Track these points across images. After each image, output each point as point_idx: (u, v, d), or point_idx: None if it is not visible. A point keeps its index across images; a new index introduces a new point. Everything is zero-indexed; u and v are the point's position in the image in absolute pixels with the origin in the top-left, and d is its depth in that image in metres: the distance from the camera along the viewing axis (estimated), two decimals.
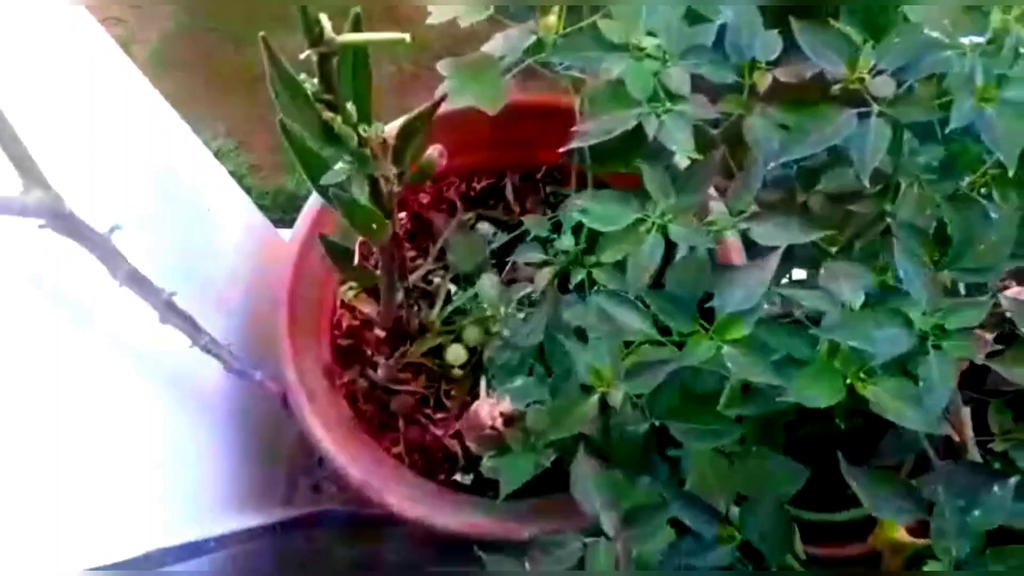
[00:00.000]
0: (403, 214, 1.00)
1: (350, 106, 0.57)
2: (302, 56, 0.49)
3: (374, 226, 0.64)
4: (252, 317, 0.91)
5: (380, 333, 0.95)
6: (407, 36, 0.46)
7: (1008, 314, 0.54)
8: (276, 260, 0.94)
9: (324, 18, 0.47)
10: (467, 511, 0.84)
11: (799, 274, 0.69)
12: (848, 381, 0.49)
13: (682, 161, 0.67)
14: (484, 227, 1.03)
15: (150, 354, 0.66)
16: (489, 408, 0.69)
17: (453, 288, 0.98)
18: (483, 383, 0.88)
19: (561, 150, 0.66)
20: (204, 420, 0.81)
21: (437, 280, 0.98)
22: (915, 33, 0.56)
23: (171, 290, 0.56)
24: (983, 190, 0.61)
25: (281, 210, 1.86)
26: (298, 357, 0.84)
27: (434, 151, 0.68)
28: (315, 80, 0.54)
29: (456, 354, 0.93)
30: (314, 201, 0.90)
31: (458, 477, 0.91)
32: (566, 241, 0.82)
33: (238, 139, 1.87)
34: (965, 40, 0.58)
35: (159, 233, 0.67)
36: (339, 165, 0.56)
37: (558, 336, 0.66)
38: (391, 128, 0.64)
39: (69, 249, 0.47)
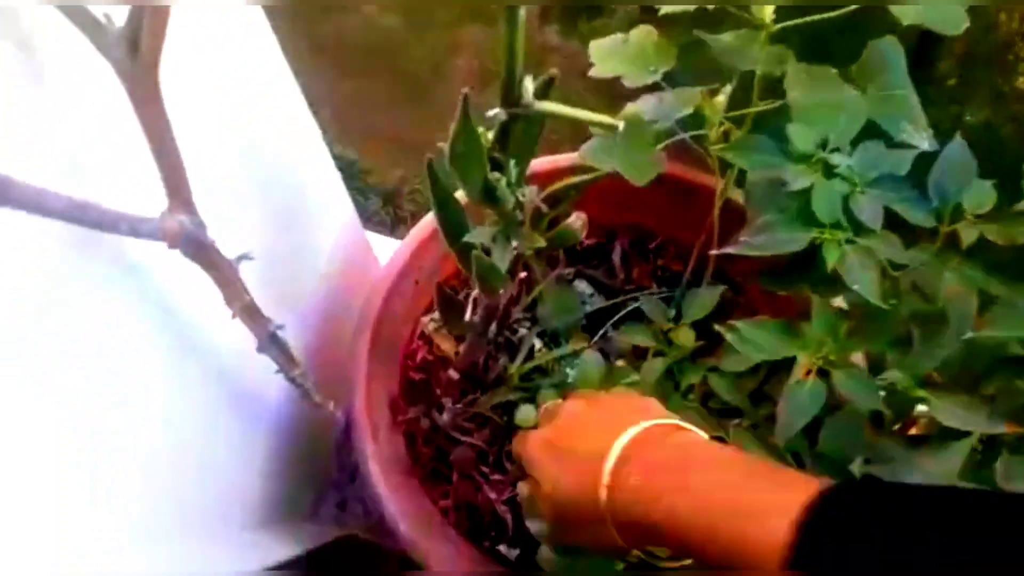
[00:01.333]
0: None
1: (513, 166, 0.51)
2: (490, 113, 0.44)
3: (501, 288, 0.58)
4: (327, 333, 0.86)
5: (454, 375, 0.89)
6: (620, 123, 0.40)
7: None
8: (364, 273, 0.89)
9: (528, 81, 0.41)
10: None
11: None
12: None
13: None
14: (582, 286, 0.97)
15: (216, 354, 0.61)
16: None
17: (538, 343, 0.92)
18: None
19: (715, 252, 0.59)
20: (253, 429, 0.76)
21: (523, 331, 0.92)
22: None
23: (279, 322, 0.50)
24: None
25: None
26: (370, 387, 0.78)
27: (577, 221, 0.62)
28: (490, 135, 0.48)
29: (527, 415, 0.87)
30: (418, 231, 0.84)
31: (502, 548, 0.85)
32: (684, 335, 0.75)
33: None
34: None
35: (275, 259, 0.61)
36: (488, 227, 0.51)
37: None
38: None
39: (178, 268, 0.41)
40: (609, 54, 0.72)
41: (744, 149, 0.61)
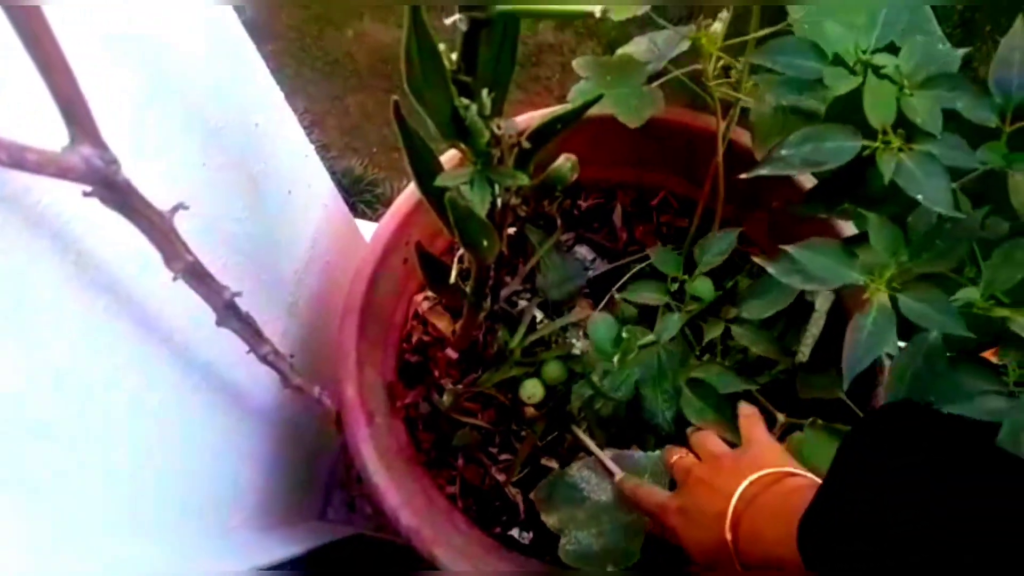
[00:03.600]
0: None
1: (486, 95, 0.45)
2: (448, 21, 0.38)
3: (485, 243, 0.52)
4: (317, 319, 0.80)
5: (452, 354, 0.84)
6: (597, 8, 0.35)
7: None
8: (351, 257, 0.83)
9: None
10: None
11: None
12: None
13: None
14: (583, 251, 0.91)
15: (194, 349, 0.55)
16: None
17: (539, 315, 0.86)
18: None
19: (744, 176, 0.53)
20: (246, 426, 0.71)
21: (523, 304, 0.86)
22: None
23: (236, 289, 0.45)
24: None
25: (345, 192, 1.78)
26: (362, 373, 0.72)
27: (566, 161, 0.56)
28: (454, 56, 0.42)
29: (532, 390, 0.81)
30: (403, 202, 0.79)
31: (515, 533, 0.79)
32: (702, 286, 0.69)
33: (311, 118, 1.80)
34: None
35: (229, 218, 0.56)
36: (463, 169, 0.45)
37: None
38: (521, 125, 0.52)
39: (118, 226, 0.36)
40: None
41: (775, 52, 0.54)
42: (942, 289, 0.44)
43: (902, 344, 0.47)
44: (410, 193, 0.79)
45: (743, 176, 0.54)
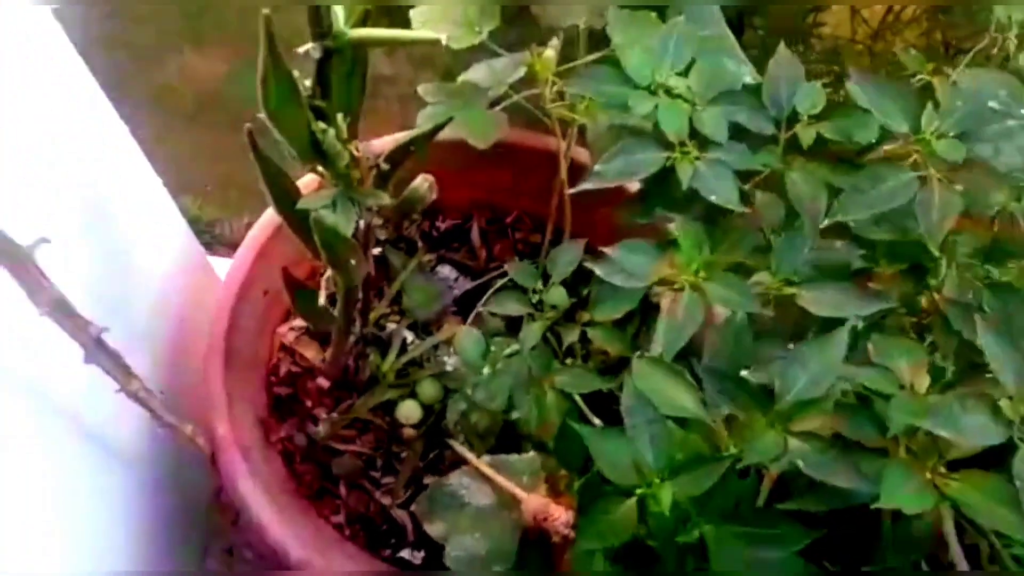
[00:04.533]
0: None
1: (341, 119, 0.48)
2: (301, 50, 0.40)
3: (352, 262, 0.54)
4: (179, 358, 0.78)
5: (324, 383, 0.84)
6: (443, 36, 0.38)
7: None
8: (208, 293, 0.82)
9: (338, 9, 0.38)
10: None
11: None
12: (928, 476, 0.42)
13: None
14: (445, 271, 0.94)
15: (59, 392, 0.53)
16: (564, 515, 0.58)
17: (410, 336, 0.88)
18: None
19: (571, 191, 0.58)
20: (115, 475, 0.68)
21: (392, 326, 0.88)
22: (979, 99, 0.51)
23: (101, 325, 0.44)
24: None
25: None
26: (232, 410, 0.72)
27: (424, 182, 0.59)
28: (307, 83, 0.44)
29: (409, 411, 0.83)
30: (258, 233, 0.79)
31: (405, 554, 0.80)
32: (556, 294, 0.74)
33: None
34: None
35: (85, 254, 0.55)
36: (324, 191, 0.47)
37: (570, 422, 0.57)
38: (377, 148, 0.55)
39: None
40: (431, 17, 0.70)
41: (586, 80, 0.60)
42: (742, 275, 0.51)
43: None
44: (264, 224, 0.79)
45: (570, 191, 0.59)
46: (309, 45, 0.39)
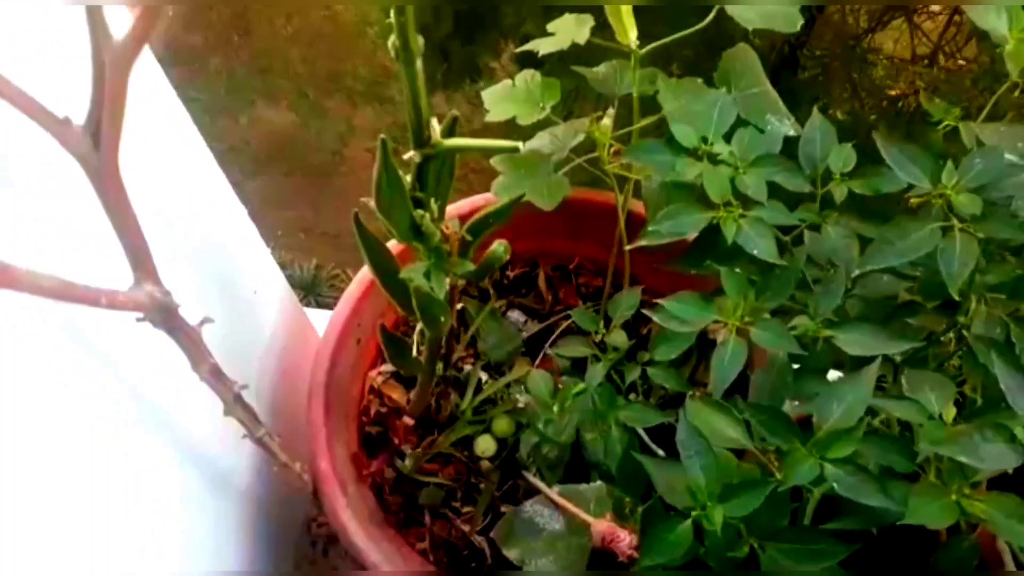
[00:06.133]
0: None
1: (434, 204, 0.56)
2: (406, 156, 0.49)
3: (443, 319, 0.63)
4: (280, 402, 0.88)
5: (409, 421, 0.93)
6: (520, 144, 0.46)
7: None
8: (302, 341, 0.92)
9: (434, 122, 0.47)
10: None
11: None
12: (954, 498, 0.48)
13: None
14: (515, 315, 1.02)
15: (195, 435, 0.63)
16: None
17: (484, 376, 0.96)
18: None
19: (629, 247, 0.65)
20: (231, 501, 0.77)
21: (468, 368, 0.96)
22: (996, 154, 0.57)
23: (242, 383, 0.54)
24: None
25: None
26: (332, 447, 0.81)
27: (499, 246, 0.67)
28: (409, 178, 0.53)
29: (485, 445, 0.91)
30: (353, 290, 0.88)
31: None
32: (617, 337, 0.81)
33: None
34: None
35: (219, 316, 0.64)
36: (420, 263, 0.55)
37: (633, 453, 0.64)
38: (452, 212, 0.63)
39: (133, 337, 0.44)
40: (501, 98, 0.79)
41: (639, 151, 0.68)
42: (783, 319, 0.57)
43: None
44: (358, 283, 0.89)
45: (628, 247, 0.66)
46: (411, 152, 0.48)
